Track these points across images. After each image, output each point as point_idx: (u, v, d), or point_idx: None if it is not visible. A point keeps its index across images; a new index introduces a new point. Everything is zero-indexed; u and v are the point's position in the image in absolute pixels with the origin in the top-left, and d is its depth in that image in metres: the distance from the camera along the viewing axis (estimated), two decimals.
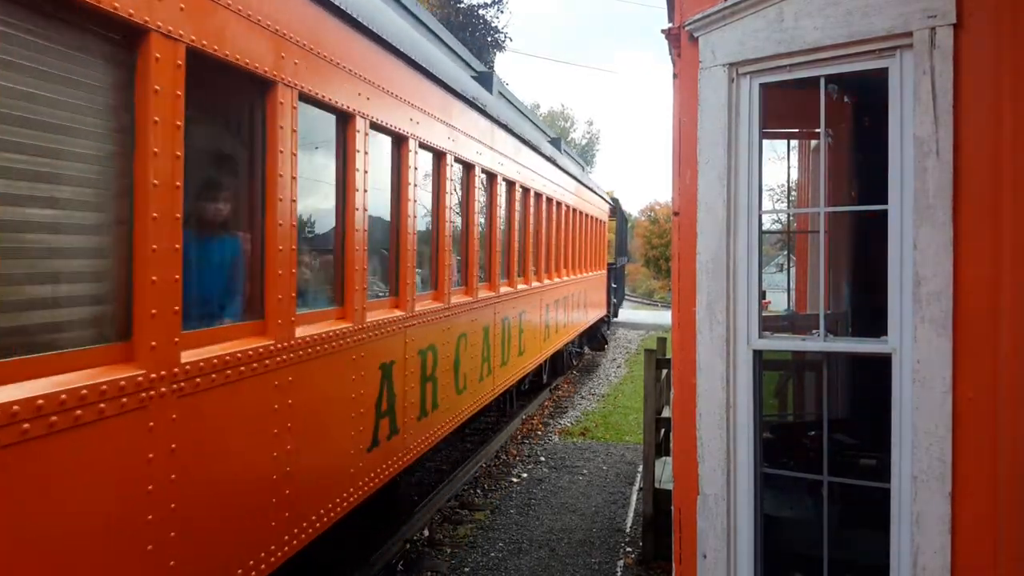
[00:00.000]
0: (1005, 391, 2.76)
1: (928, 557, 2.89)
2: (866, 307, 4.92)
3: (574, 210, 14.51)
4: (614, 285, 24.09)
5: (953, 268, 2.84)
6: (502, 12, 37.34)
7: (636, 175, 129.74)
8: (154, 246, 2.87)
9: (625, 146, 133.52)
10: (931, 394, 2.88)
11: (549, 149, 11.93)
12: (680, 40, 3.57)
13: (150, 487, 2.87)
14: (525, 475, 9.43)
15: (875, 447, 3.60)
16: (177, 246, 2.99)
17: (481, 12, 31.12)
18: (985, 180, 2.80)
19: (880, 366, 3.11)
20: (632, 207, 71.48)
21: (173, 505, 2.99)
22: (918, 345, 2.91)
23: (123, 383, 2.71)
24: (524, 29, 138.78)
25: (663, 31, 3.86)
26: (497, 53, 31.99)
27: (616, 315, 27.83)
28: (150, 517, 2.86)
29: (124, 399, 2.71)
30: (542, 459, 10.19)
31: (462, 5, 30.51)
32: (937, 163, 2.86)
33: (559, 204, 12.74)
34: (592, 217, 17.31)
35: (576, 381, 16.95)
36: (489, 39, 31.10)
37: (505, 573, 6.49)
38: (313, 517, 4.18)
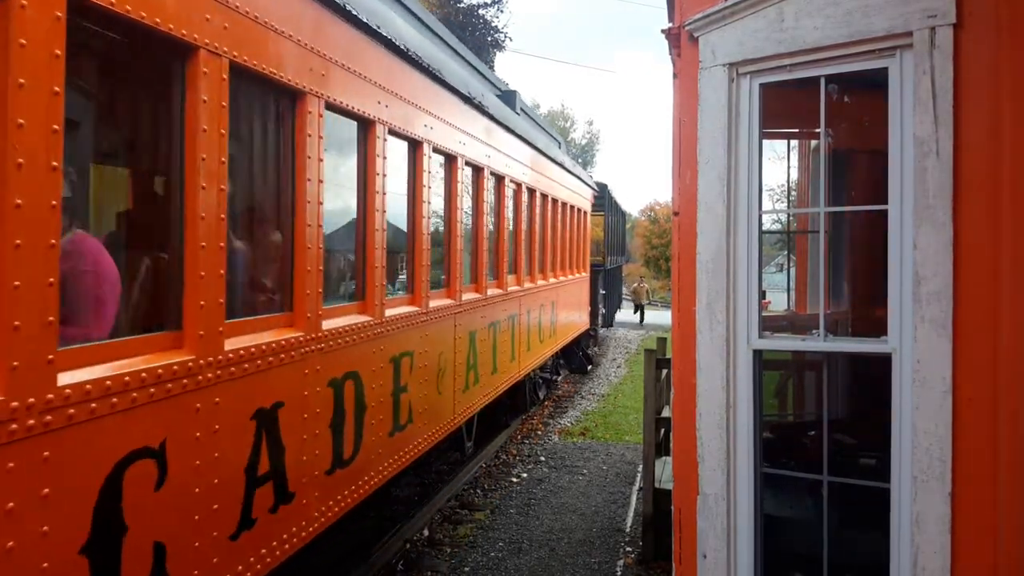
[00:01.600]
0: (1005, 391, 2.76)
1: (928, 557, 2.89)
2: (866, 306, 4.92)
3: (532, 191, 10.45)
4: (603, 291, 20.87)
5: (953, 268, 2.84)
6: (502, 12, 37.40)
7: (636, 175, 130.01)
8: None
9: (625, 146, 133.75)
10: (931, 394, 2.88)
11: (477, 90, 7.56)
12: (680, 40, 3.57)
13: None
14: (525, 475, 9.43)
15: (875, 447, 3.60)
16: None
17: (481, 12, 31.15)
18: (985, 180, 2.80)
19: (880, 366, 3.11)
20: (632, 207, 71.49)
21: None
22: (918, 345, 2.90)
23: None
24: (524, 29, 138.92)
25: (663, 31, 3.86)
26: (497, 53, 32.02)
27: (610, 324, 26.12)
28: None
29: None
30: (542, 459, 10.19)
31: (462, 5, 30.52)
32: (937, 163, 2.86)
33: (501, 179, 8.78)
34: (566, 204, 13.52)
35: (576, 381, 16.94)
36: (489, 39, 31.11)
37: (505, 573, 6.49)
38: None
